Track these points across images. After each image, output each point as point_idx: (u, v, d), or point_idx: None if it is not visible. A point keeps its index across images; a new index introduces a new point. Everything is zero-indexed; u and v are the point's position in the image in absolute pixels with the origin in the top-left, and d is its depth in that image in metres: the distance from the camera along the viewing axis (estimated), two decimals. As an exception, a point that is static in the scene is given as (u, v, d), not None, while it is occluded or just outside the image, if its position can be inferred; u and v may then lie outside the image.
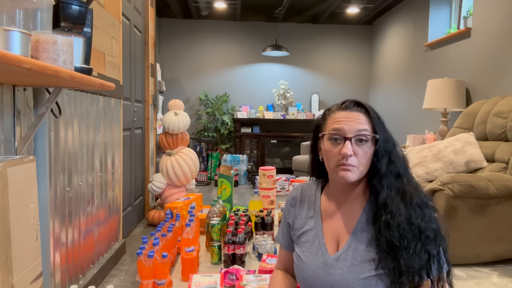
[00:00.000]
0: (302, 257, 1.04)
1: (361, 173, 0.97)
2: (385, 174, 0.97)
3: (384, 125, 1.01)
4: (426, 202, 0.96)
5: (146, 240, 1.91)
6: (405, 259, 0.89)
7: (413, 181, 1.00)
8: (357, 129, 0.96)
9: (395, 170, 0.98)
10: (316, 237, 1.04)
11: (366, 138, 0.96)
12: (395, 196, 0.95)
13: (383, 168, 0.96)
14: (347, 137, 0.95)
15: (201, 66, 6.21)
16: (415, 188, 0.98)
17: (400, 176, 0.98)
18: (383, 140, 0.98)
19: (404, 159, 1.02)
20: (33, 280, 1.14)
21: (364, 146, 0.96)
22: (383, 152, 0.97)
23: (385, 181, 0.96)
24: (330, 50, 6.36)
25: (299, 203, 1.13)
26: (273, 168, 3.01)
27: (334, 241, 1.02)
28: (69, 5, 1.39)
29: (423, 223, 0.92)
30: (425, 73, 4.48)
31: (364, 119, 0.99)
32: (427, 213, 0.94)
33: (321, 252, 1.02)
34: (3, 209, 1.00)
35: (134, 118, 3.26)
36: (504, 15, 3.22)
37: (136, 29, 3.34)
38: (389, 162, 0.98)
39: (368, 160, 0.97)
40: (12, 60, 0.90)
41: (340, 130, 0.97)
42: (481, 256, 2.45)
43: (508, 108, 2.80)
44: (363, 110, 1.01)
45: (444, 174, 2.69)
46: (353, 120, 0.97)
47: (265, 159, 5.98)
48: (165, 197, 3.43)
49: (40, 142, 1.60)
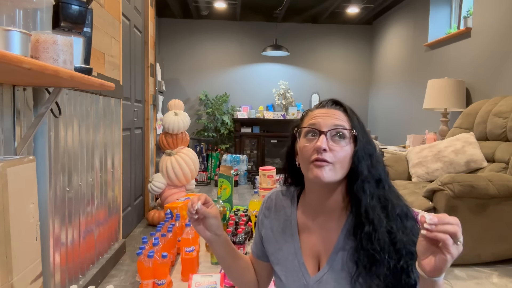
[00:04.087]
0: (282, 277, 0.97)
1: (337, 172, 0.87)
2: (367, 179, 0.87)
3: (364, 128, 0.92)
4: (407, 213, 0.88)
5: (146, 240, 1.91)
6: (386, 275, 0.82)
7: (393, 189, 0.92)
8: (333, 123, 0.88)
9: (377, 174, 0.89)
10: (295, 256, 0.96)
11: (343, 133, 0.88)
12: (376, 205, 0.87)
13: (364, 171, 0.87)
14: (322, 130, 0.87)
15: (201, 66, 6.21)
16: (397, 197, 0.90)
17: (382, 182, 0.89)
18: (364, 140, 0.89)
19: (384, 164, 0.93)
20: (33, 280, 1.14)
21: (341, 142, 0.87)
22: (364, 154, 0.88)
23: (367, 187, 0.87)
24: (330, 50, 6.36)
25: (273, 214, 1.04)
26: (273, 168, 3.01)
27: (314, 259, 0.95)
28: (69, 5, 1.39)
29: (405, 237, 0.84)
30: (425, 73, 4.48)
31: (342, 116, 0.91)
32: (408, 226, 0.86)
33: (301, 273, 0.94)
34: (3, 209, 1.00)
35: (134, 118, 3.26)
36: (504, 15, 3.22)
37: (136, 29, 3.34)
38: (371, 165, 0.88)
39: (345, 158, 0.87)
40: (12, 60, 0.90)
41: (315, 124, 0.89)
42: (481, 256, 2.45)
43: (508, 108, 2.80)
44: (341, 109, 0.93)
45: (444, 174, 2.69)
46: (329, 115, 0.90)
47: (265, 159, 5.98)
48: (165, 197, 3.43)
49: (40, 142, 1.60)
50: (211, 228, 0.95)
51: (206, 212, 0.92)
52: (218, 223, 0.96)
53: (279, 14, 5.68)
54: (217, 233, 0.96)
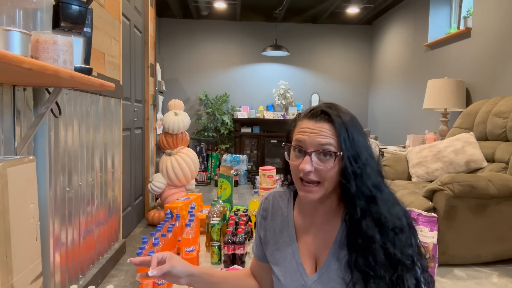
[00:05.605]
0: (281, 278, 0.98)
1: (326, 189, 0.88)
2: (357, 195, 0.87)
3: (355, 140, 0.87)
4: (401, 226, 0.87)
5: (146, 240, 1.91)
6: (381, 286, 0.84)
7: (389, 196, 0.91)
8: (318, 143, 0.86)
9: (367, 192, 0.87)
10: (293, 256, 0.97)
11: (329, 153, 0.86)
12: (369, 221, 0.86)
13: (352, 188, 0.86)
14: (307, 151, 0.87)
15: (201, 66, 6.21)
16: (389, 210, 0.88)
17: (374, 197, 0.87)
18: (351, 157, 0.86)
19: (377, 173, 0.91)
20: (33, 280, 1.14)
21: (327, 161, 0.86)
22: (350, 173, 0.86)
23: (357, 203, 0.87)
24: (330, 50, 6.36)
25: (270, 215, 1.04)
26: (273, 168, 3.01)
27: (311, 259, 0.96)
28: (69, 5, 1.39)
29: (398, 251, 0.85)
30: (425, 73, 4.48)
31: (329, 132, 0.87)
32: (402, 239, 0.87)
33: (300, 273, 0.95)
34: (3, 209, 1.00)
35: (134, 118, 3.26)
36: (504, 15, 3.22)
37: (136, 29, 3.34)
38: (361, 183, 0.87)
39: (333, 175, 0.87)
40: (12, 60, 0.90)
41: (301, 142, 0.88)
42: (481, 256, 2.45)
43: (508, 108, 2.80)
44: (329, 120, 0.88)
45: (444, 174, 2.69)
46: (316, 133, 0.87)
47: (265, 159, 5.98)
48: (165, 197, 3.43)
49: (40, 142, 1.60)
50: (180, 274, 0.93)
51: (165, 270, 0.90)
52: (183, 266, 0.94)
53: (279, 14, 5.68)
54: (189, 274, 0.95)
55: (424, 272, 0.90)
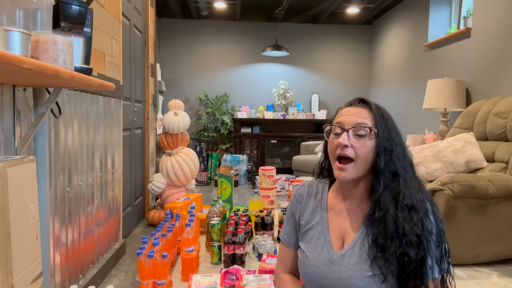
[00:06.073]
0: (307, 253, 1.05)
1: (359, 169, 0.98)
2: (383, 172, 0.97)
3: (389, 124, 1.01)
4: (416, 206, 0.95)
5: (146, 240, 1.91)
6: (385, 259, 0.92)
7: (411, 183, 0.99)
8: (355, 122, 0.98)
9: (393, 168, 0.97)
10: (321, 234, 1.05)
11: (365, 131, 0.97)
12: (388, 195, 0.96)
13: (381, 164, 0.96)
14: (345, 128, 0.98)
15: (201, 66, 6.21)
16: (410, 190, 0.97)
17: (398, 175, 0.97)
18: (385, 136, 0.98)
19: (407, 160, 1.01)
20: (33, 280, 1.14)
21: (363, 139, 0.97)
22: (383, 149, 0.97)
23: (381, 179, 0.97)
24: (330, 50, 6.36)
25: (305, 199, 1.13)
26: (273, 168, 3.01)
27: (339, 238, 1.03)
28: (69, 5, 1.39)
29: (408, 226, 0.92)
30: (425, 73, 4.48)
31: (366, 114, 1.00)
32: (414, 217, 0.94)
33: (326, 249, 1.02)
34: (3, 209, 1.00)
35: (134, 118, 3.26)
36: (504, 15, 3.22)
37: (136, 29, 3.34)
38: (389, 160, 0.97)
39: (367, 154, 0.97)
40: (12, 60, 0.90)
41: (340, 122, 1.00)
42: (481, 256, 2.45)
43: (508, 108, 2.80)
44: (367, 107, 1.02)
45: (444, 174, 2.69)
46: (353, 114, 1.00)
47: (265, 159, 5.98)
48: (165, 197, 3.43)
49: (40, 142, 1.60)
50: None
51: None
52: None
53: (279, 14, 5.68)
54: None
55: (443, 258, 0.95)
